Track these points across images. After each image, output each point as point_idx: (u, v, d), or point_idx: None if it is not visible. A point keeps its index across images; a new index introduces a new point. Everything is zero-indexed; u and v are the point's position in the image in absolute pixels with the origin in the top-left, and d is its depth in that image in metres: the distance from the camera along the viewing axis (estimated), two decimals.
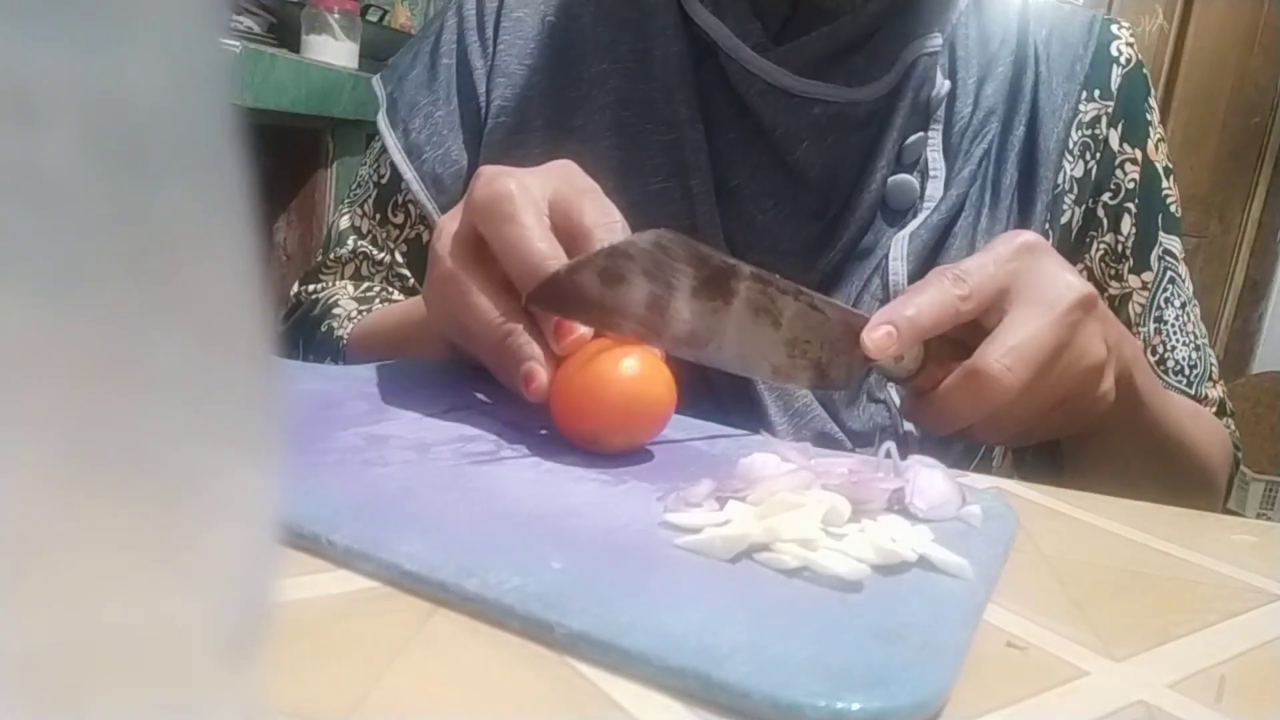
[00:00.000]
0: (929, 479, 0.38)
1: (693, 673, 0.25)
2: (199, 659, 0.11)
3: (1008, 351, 0.45)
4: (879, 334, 0.45)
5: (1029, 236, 0.49)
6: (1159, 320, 0.67)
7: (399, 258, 0.71)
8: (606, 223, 0.45)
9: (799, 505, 0.33)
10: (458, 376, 0.50)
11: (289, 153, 1.59)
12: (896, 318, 0.45)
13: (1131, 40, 0.69)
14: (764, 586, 0.30)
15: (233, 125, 0.11)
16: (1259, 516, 2.47)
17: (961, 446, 0.63)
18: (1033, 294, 0.47)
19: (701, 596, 0.29)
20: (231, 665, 0.11)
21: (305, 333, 0.66)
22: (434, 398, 0.46)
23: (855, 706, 0.24)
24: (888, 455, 0.39)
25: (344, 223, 0.73)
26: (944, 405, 0.47)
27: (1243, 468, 0.69)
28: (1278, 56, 2.87)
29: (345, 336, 0.64)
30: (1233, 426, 0.69)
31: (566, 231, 0.44)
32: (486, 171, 0.45)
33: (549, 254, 0.42)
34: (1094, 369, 0.49)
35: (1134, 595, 0.36)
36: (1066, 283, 0.47)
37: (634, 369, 0.41)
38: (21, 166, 0.09)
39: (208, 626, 0.11)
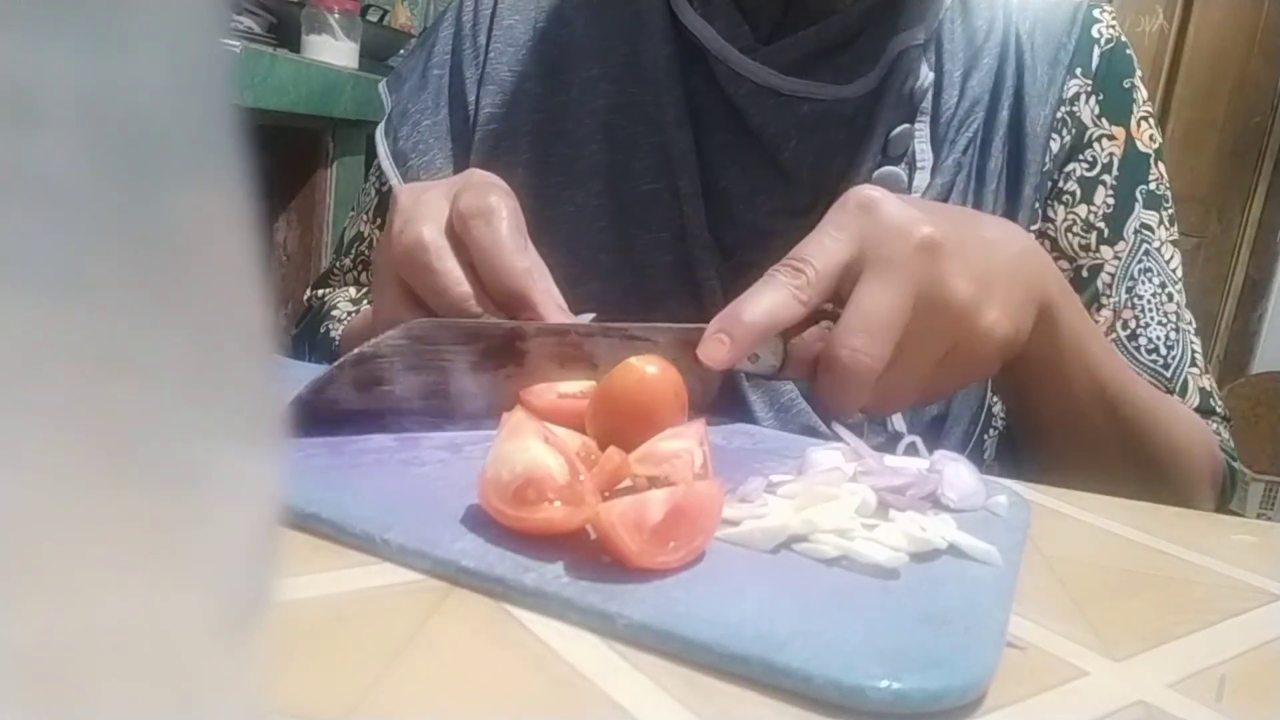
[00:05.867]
0: (956, 472, 0.40)
1: (755, 659, 0.26)
2: (198, 653, 0.11)
3: (855, 333, 0.44)
4: (709, 345, 0.44)
5: (863, 194, 0.46)
6: (1131, 293, 0.65)
7: None
8: (476, 206, 0.46)
9: (834, 497, 0.35)
10: None
11: (289, 153, 1.59)
12: (729, 325, 0.44)
13: (1114, 23, 0.70)
14: (806, 575, 0.32)
15: (233, 125, 0.11)
16: (1259, 516, 2.47)
17: (954, 440, 0.63)
18: (876, 255, 0.45)
19: (750, 586, 0.30)
20: (231, 657, 0.11)
21: (309, 336, 0.68)
22: None
23: (914, 687, 0.25)
24: (913, 450, 0.41)
25: (351, 231, 0.75)
26: (822, 397, 0.46)
27: (1242, 468, 0.67)
28: (1278, 56, 2.87)
29: (337, 338, 0.65)
30: (1224, 434, 0.66)
31: (452, 232, 0.46)
32: (402, 203, 0.48)
33: (471, 294, 0.45)
34: (963, 310, 0.46)
35: (1134, 595, 0.36)
36: (904, 232, 0.45)
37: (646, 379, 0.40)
38: (24, 167, 0.09)
39: (207, 619, 0.11)
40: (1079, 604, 0.34)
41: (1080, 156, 0.67)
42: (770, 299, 0.44)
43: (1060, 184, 0.67)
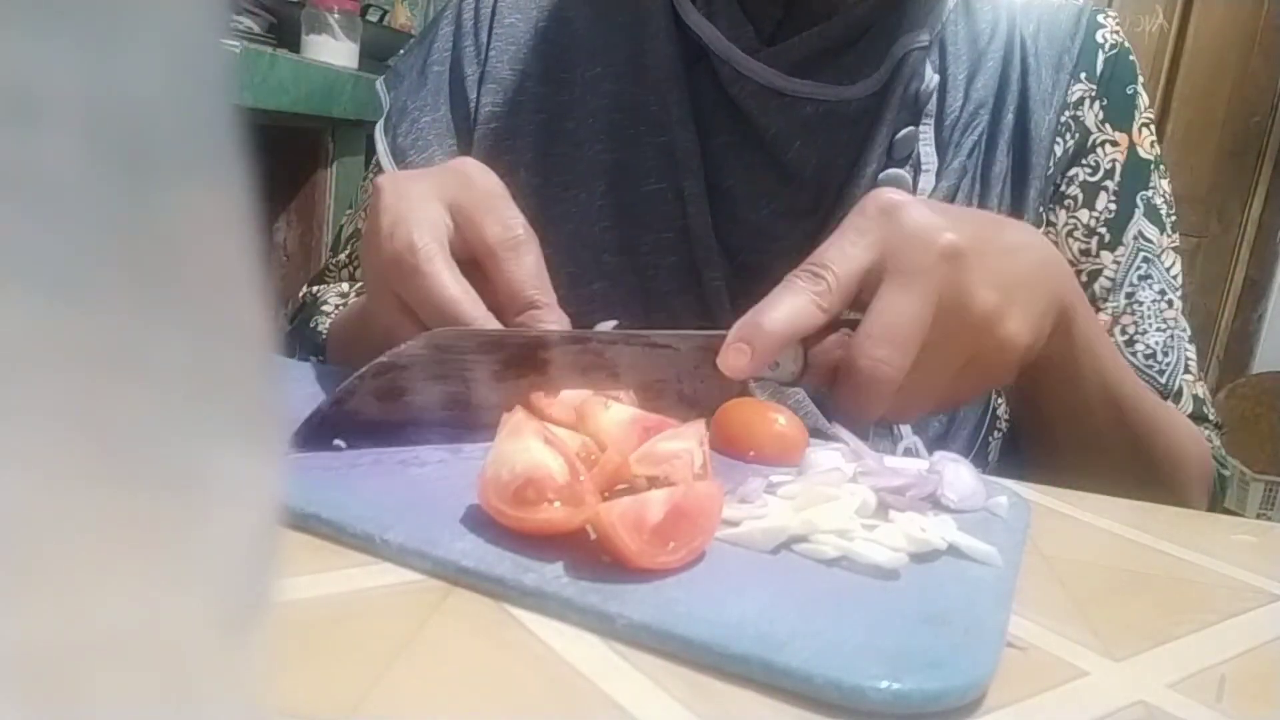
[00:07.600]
0: (955, 472, 0.40)
1: (755, 659, 0.26)
2: (198, 653, 0.11)
3: (876, 342, 0.43)
4: (730, 355, 0.44)
5: (884, 198, 0.46)
6: (1131, 299, 0.66)
7: None
8: (508, 239, 0.45)
9: (834, 497, 0.35)
10: None
11: (289, 153, 1.59)
12: (750, 333, 0.44)
13: (1118, 29, 0.70)
14: (806, 576, 0.32)
15: (233, 125, 0.11)
16: (1259, 516, 2.46)
17: (960, 442, 0.63)
18: (898, 262, 0.44)
19: (750, 587, 0.30)
20: (231, 657, 0.11)
21: (300, 332, 0.68)
22: None
23: (914, 688, 0.25)
24: (912, 451, 0.41)
25: (349, 229, 0.75)
26: (841, 405, 0.46)
27: (1242, 468, 0.68)
28: (1278, 56, 2.87)
29: (324, 331, 0.65)
30: (1216, 441, 0.66)
31: (470, 251, 0.45)
32: (386, 201, 0.46)
33: (461, 297, 0.43)
34: (984, 319, 0.46)
35: (1134, 595, 0.36)
36: (926, 240, 0.44)
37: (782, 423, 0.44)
38: (24, 167, 0.09)
39: (207, 619, 0.11)
40: (1079, 604, 0.34)
41: (1083, 161, 0.67)
42: (791, 306, 0.44)
43: (1063, 188, 0.67)
